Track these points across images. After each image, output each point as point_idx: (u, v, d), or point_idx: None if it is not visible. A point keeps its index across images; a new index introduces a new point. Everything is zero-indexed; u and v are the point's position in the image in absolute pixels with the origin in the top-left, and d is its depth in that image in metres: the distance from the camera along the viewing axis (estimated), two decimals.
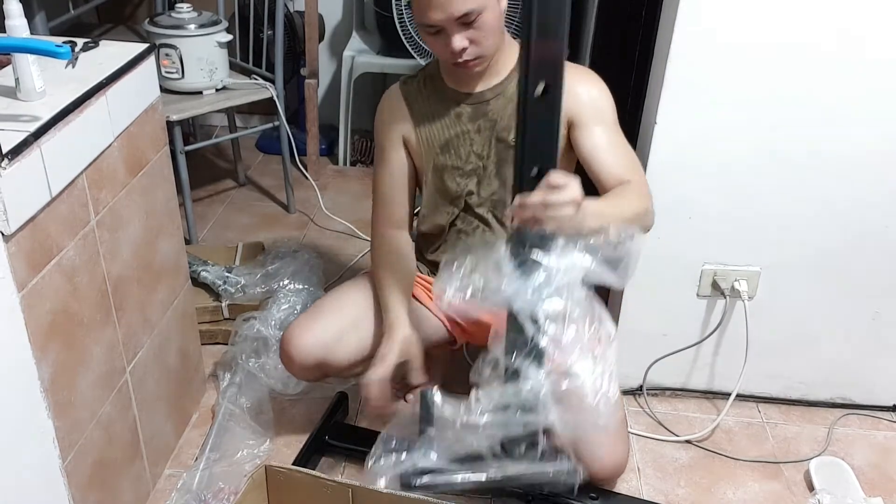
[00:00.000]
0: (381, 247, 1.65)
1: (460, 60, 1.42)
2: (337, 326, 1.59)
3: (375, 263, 1.65)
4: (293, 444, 1.74)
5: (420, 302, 1.70)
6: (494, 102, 1.53)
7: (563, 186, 1.16)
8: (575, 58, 2.81)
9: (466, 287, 1.21)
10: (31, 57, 1.20)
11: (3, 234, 1.06)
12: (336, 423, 1.81)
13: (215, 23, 2.39)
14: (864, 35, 1.51)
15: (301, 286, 2.07)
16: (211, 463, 1.65)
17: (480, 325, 1.70)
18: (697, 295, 1.81)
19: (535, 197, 1.17)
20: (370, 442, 1.75)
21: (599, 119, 1.48)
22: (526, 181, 1.21)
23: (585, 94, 1.48)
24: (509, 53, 1.50)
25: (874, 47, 1.52)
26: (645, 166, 1.64)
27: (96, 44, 1.44)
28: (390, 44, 2.78)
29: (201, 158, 3.06)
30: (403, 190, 1.63)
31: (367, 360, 1.59)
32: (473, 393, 1.30)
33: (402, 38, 2.37)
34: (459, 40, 1.39)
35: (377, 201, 1.65)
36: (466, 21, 1.37)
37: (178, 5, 2.37)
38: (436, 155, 1.58)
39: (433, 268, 1.72)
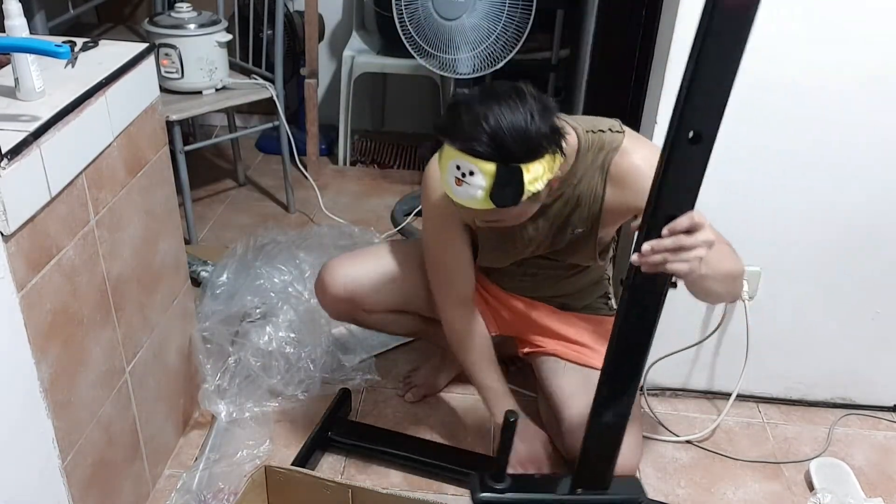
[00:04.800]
0: (455, 328, 1.61)
1: None
2: (374, 269, 1.62)
3: (456, 346, 1.61)
4: (293, 445, 1.74)
5: None
6: (552, 206, 1.45)
7: (698, 227, 1.11)
8: (575, 58, 2.82)
9: None
10: (30, 57, 1.20)
11: (2, 234, 1.06)
12: (339, 419, 1.81)
13: (215, 22, 2.39)
14: (865, 35, 1.51)
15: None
16: (211, 463, 1.65)
17: (515, 312, 1.70)
18: None
19: (668, 241, 1.12)
20: (372, 438, 1.76)
21: None
22: (656, 226, 1.13)
23: None
24: (568, 172, 1.39)
25: (875, 48, 1.52)
26: None
27: (96, 43, 1.44)
28: (390, 44, 2.78)
29: (201, 158, 3.06)
30: (469, 265, 1.57)
31: (394, 312, 1.64)
32: None
33: (402, 38, 2.37)
34: (484, 223, 1.36)
35: (441, 280, 1.58)
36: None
37: (178, 5, 2.37)
38: (493, 240, 1.54)
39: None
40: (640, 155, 1.40)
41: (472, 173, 1.20)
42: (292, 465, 1.61)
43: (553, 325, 1.68)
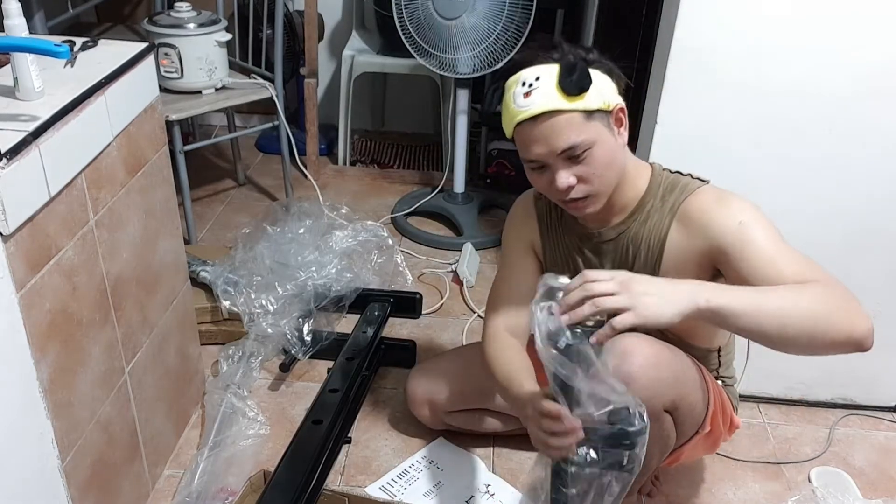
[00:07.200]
0: (494, 342, 1.50)
1: (568, 199, 1.29)
2: (445, 376, 1.75)
3: (489, 356, 1.49)
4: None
5: None
6: (614, 244, 1.39)
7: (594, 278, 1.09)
8: None
9: None
10: (29, 56, 1.20)
11: (1, 234, 1.06)
12: None
13: (215, 22, 2.38)
14: (865, 35, 1.51)
15: None
16: (210, 463, 1.65)
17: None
18: None
19: (575, 291, 1.09)
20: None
21: (752, 246, 1.27)
22: None
23: (728, 228, 1.28)
24: (631, 187, 1.34)
25: (875, 48, 1.52)
26: None
27: (95, 43, 1.44)
28: (390, 43, 2.78)
29: (201, 158, 3.06)
30: (528, 298, 1.44)
31: (472, 411, 1.74)
32: None
33: (402, 37, 2.37)
34: (565, 177, 1.26)
35: (496, 308, 1.53)
36: (572, 155, 1.24)
37: (178, 4, 2.37)
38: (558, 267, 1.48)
39: None
40: (716, 195, 1.31)
41: (538, 78, 1.23)
42: None
43: None
